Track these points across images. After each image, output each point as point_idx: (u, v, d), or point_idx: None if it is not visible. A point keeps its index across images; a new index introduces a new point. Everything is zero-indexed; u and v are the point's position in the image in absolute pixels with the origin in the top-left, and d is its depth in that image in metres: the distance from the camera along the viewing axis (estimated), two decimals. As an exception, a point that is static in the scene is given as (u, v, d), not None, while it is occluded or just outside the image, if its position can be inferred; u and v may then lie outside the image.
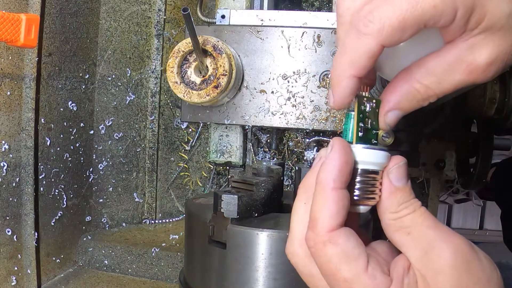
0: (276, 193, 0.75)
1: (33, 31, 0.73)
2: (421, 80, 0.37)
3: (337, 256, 0.36)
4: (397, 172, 0.39)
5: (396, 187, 0.38)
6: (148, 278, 1.10)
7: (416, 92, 0.38)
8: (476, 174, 1.00)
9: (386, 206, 0.39)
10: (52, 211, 1.02)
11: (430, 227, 0.37)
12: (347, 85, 0.37)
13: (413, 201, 0.38)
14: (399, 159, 0.39)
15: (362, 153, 0.38)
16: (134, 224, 1.24)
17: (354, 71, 0.36)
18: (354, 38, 0.36)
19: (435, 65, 0.37)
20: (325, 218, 0.36)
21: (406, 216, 0.38)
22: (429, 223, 0.37)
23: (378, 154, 0.39)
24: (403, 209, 0.38)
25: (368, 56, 0.36)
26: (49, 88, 0.98)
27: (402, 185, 0.38)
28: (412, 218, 0.38)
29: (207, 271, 0.70)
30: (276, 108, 0.89)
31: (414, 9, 0.34)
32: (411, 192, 0.39)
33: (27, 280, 0.94)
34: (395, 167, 0.39)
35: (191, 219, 0.76)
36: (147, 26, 1.20)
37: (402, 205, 0.38)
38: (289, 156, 1.05)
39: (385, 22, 0.34)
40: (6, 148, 0.88)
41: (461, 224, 2.49)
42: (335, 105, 0.39)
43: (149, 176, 1.24)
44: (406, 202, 0.38)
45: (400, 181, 0.39)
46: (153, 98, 1.22)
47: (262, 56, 0.89)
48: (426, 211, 0.38)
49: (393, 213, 0.38)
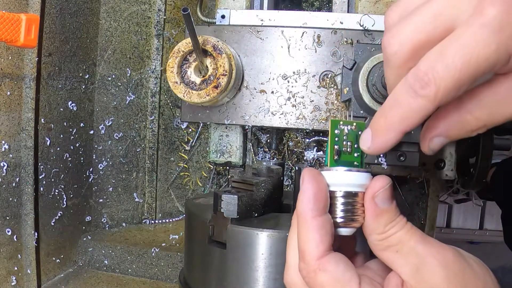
0: (276, 193, 0.75)
1: (33, 31, 0.73)
2: (472, 111, 0.36)
3: (329, 282, 0.37)
4: (383, 195, 0.38)
5: (382, 209, 0.38)
6: (148, 278, 1.10)
7: (467, 123, 0.37)
8: (476, 174, 1.00)
9: (372, 228, 0.39)
10: (52, 211, 1.02)
11: (418, 242, 0.37)
12: (393, 138, 0.37)
13: (398, 219, 0.38)
14: (384, 181, 0.39)
15: (342, 176, 0.39)
16: (134, 224, 1.24)
17: (404, 128, 0.36)
18: (409, 97, 0.35)
19: (488, 97, 0.36)
20: (312, 248, 0.38)
21: (394, 235, 0.38)
22: (416, 238, 0.37)
23: (358, 176, 0.39)
24: (390, 229, 0.38)
25: (422, 117, 0.36)
26: (49, 88, 0.98)
27: (387, 206, 0.38)
28: (399, 236, 0.38)
29: (207, 271, 0.70)
30: (276, 108, 0.89)
31: (468, 67, 0.33)
32: (397, 211, 0.39)
33: (27, 280, 0.94)
34: (381, 191, 0.38)
35: (191, 219, 0.76)
36: (147, 26, 1.20)
37: (389, 225, 0.38)
38: (289, 156, 1.05)
39: (441, 84, 0.33)
40: (6, 148, 0.88)
41: (461, 224, 2.49)
42: (371, 151, 0.39)
43: (149, 176, 1.24)
44: (392, 222, 0.38)
45: (385, 203, 0.38)
46: (153, 98, 1.22)
47: (262, 56, 0.89)
48: (412, 227, 0.38)
49: (379, 234, 0.38)
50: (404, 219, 0.39)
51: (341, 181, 0.38)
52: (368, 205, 0.38)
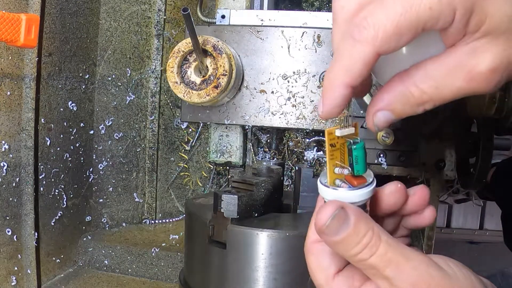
0: (276, 193, 0.75)
1: (33, 31, 0.73)
2: (418, 83, 0.35)
3: (313, 265, 0.41)
4: (328, 232, 0.36)
5: (336, 242, 0.36)
6: (148, 278, 1.10)
7: (411, 95, 0.35)
8: (476, 174, 1.00)
9: (340, 254, 0.37)
10: (52, 211, 1.02)
11: (393, 269, 0.35)
12: (339, 94, 0.35)
13: (365, 240, 0.35)
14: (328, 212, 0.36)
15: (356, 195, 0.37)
16: (134, 224, 1.24)
17: (348, 79, 0.35)
18: (348, 45, 0.34)
19: (434, 69, 0.35)
20: (311, 231, 0.41)
21: (366, 261, 0.36)
22: (391, 265, 0.35)
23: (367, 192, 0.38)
24: (360, 253, 0.35)
25: (363, 64, 0.34)
26: (49, 88, 0.98)
27: (342, 237, 0.35)
28: (372, 263, 0.35)
29: (207, 271, 0.70)
30: (276, 108, 0.89)
31: (408, 13, 0.32)
32: (359, 231, 0.35)
33: (27, 280, 0.94)
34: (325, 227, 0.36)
35: (191, 219, 0.76)
36: (147, 26, 1.20)
37: (355, 249, 0.35)
38: (289, 156, 1.05)
39: (379, 28, 0.33)
40: (6, 148, 0.88)
41: (461, 224, 2.49)
42: (323, 115, 0.37)
43: (149, 176, 1.24)
44: (358, 244, 0.35)
45: (337, 234, 0.35)
46: (153, 98, 1.22)
47: (262, 56, 0.89)
48: (387, 245, 0.35)
49: (351, 258, 0.36)
50: (374, 237, 0.35)
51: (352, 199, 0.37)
52: (322, 237, 0.37)
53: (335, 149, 0.38)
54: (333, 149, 0.38)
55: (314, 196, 0.73)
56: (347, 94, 0.35)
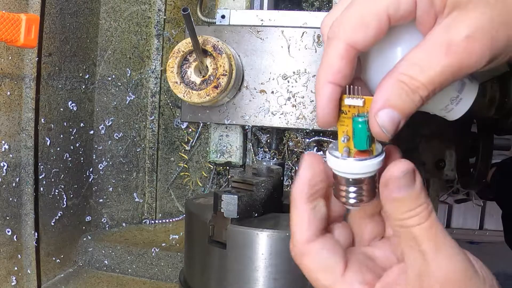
0: (276, 193, 0.75)
1: (33, 31, 0.73)
2: (404, 71, 0.35)
3: (314, 266, 0.38)
4: (396, 184, 0.35)
5: (396, 198, 0.35)
6: (148, 278, 1.10)
7: (402, 84, 0.35)
8: (476, 174, 1.00)
9: (389, 212, 0.36)
10: (52, 211, 1.02)
11: (431, 247, 0.35)
12: (325, 94, 0.36)
13: (419, 209, 0.35)
14: (400, 168, 0.35)
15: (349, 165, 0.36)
16: (134, 224, 1.24)
17: (329, 76, 0.35)
18: (325, 47, 0.36)
19: (415, 55, 0.35)
20: (298, 232, 0.38)
21: (410, 229, 0.35)
22: (431, 242, 0.35)
23: (367, 165, 0.36)
24: (407, 219, 0.35)
25: (339, 58, 0.35)
26: (49, 88, 0.98)
27: (403, 195, 0.35)
28: (415, 233, 0.35)
29: (207, 271, 0.70)
30: (276, 108, 0.89)
31: (369, 3, 0.34)
32: (418, 199, 0.35)
33: (27, 280, 0.94)
34: (394, 179, 0.35)
35: (191, 219, 0.76)
36: (147, 26, 1.20)
37: (406, 213, 0.35)
38: (289, 156, 1.05)
39: (346, 22, 0.35)
40: (6, 148, 0.88)
41: (461, 224, 2.50)
42: (319, 122, 0.37)
43: (149, 176, 1.24)
44: (410, 211, 0.35)
45: (401, 191, 0.35)
46: (153, 98, 1.22)
47: (262, 56, 0.89)
48: (433, 225, 0.35)
49: (396, 221, 0.36)
50: (427, 211, 0.35)
51: (349, 170, 0.36)
52: (382, 191, 0.36)
53: (346, 116, 0.37)
54: (343, 116, 0.37)
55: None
56: (333, 93, 0.36)
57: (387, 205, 0.36)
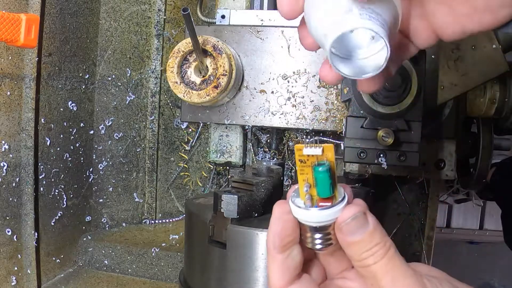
0: (276, 193, 0.75)
1: (33, 31, 0.73)
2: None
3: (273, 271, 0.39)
4: (348, 228, 0.37)
5: (350, 242, 0.37)
6: (148, 278, 1.10)
7: None
8: (476, 174, 1.00)
9: (349, 255, 0.38)
10: (52, 211, 1.02)
11: (390, 283, 0.36)
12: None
13: (376, 248, 0.37)
14: (350, 212, 0.37)
15: (313, 215, 0.37)
16: (134, 224, 1.24)
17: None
18: None
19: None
20: (274, 280, 0.39)
21: (369, 268, 0.37)
22: (388, 278, 0.36)
23: (329, 213, 0.37)
24: (365, 259, 0.37)
25: None
26: (49, 88, 0.98)
27: (357, 237, 0.37)
28: (374, 271, 0.37)
29: (207, 271, 0.70)
30: (276, 108, 0.89)
31: None
32: (373, 238, 0.37)
33: (27, 280, 0.94)
34: (346, 223, 0.37)
35: (191, 219, 0.76)
36: (147, 26, 1.20)
37: (363, 254, 0.37)
38: (289, 156, 1.05)
39: None
40: (6, 148, 0.88)
41: (461, 224, 2.49)
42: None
43: (149, 176, 1.24)
44: (367, 251, 0.37)
45: (355, 234, 0.37)
46: (153, 98, 1.22)
47: (262, 56, 0.89)
48: (390, 260, 0.37)
49: (356, 262, 0.38)
50: (384, 249, 0.37)
51: (314, 219, 0.38)
52: (338, 236, 0.38)
53: (305, 165, 0.38)
54: (303, 165, 0.38)
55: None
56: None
57: (346, 249, 0.38)
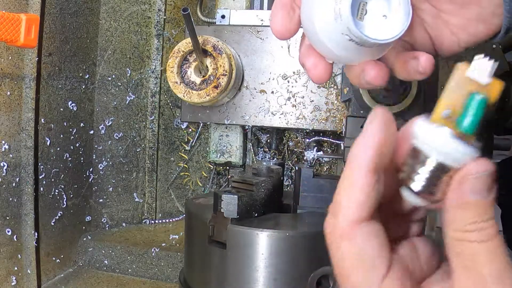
0: (276, 193, 0.75)
1: (33, 31, 0.73)
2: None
3: (352, 258, 0.29)
4: (473, 184, 0.28)
5: (468, 202, 0.28)
6: (148, 278, 1.10)
7: None
8: (476, 174, 1.00)
9: (451, 219, 0.28)
10: (52, 211, 1.02)
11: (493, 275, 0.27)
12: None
13: (486, 225, 0.28)
14: (483, 166, 0.28)
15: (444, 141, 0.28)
16: (134, 224, 1.24)
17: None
18: None
19: None
20: (348, 207, 0.29)
21: (470, 244, 0.28)
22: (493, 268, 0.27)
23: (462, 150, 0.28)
24: (470, 233, 0.28)
25: None
26: (49, 88, 0.98)
27: (477, 198, 0.28)
28: (476, 251, 0.28)
29: (207, 271, 0.70)
30: (276, 108, 0.89)
31: None
32: (488, 211, 0.28)
33: (27, 280, 0.94)
34: (472, 177, 0.28)
35: (191, 219, 0.76)
36: (147, 26, 1.20)
37: (471, 225, 0.28)
38: (289, 156, 1.05)
39: None
40: (6, 148, 0.88)
41: (461, 224, 2.49)
42: None
43: (149, 176, 1.24)
44: (475, 223, 0.28)
45: (476, 194, 0.28)
46: (153, 98, 1.22)
47: (262, 56, 0.89)
48: (498, 248, 0.28)
49: (457, 232, 0.28)
50: (493, 229, 0.28)
51: (440, 147, 0.29)
52: (455, 188, 0.28)
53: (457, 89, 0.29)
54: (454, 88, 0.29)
55: (314, 196, 0.73)
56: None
57: (452, 210, 0.28)
